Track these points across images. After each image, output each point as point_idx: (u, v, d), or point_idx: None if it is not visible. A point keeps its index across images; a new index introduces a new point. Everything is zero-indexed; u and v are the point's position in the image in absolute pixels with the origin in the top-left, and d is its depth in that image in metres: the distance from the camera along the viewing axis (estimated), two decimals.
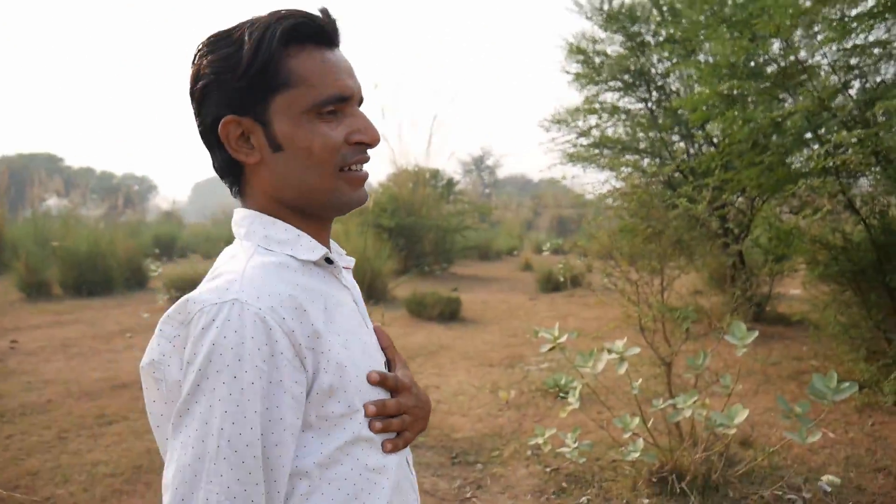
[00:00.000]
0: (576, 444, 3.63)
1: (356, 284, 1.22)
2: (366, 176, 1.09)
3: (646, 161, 9.14)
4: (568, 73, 9.00)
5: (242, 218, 1.09)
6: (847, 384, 3.25)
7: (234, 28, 1.02)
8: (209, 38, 1.03)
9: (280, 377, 0.90)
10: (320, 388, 0.96)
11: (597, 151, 9.10)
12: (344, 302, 1.09)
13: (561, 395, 5.55)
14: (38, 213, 15.73)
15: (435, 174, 17.33)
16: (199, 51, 1.04)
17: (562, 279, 13.16)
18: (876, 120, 4.87)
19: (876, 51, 5.47)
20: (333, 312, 1.03)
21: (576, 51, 8.74)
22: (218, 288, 0.94)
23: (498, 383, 6.20)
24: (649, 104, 8.96)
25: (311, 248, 1.06)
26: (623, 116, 9.06)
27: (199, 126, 1.06)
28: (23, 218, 16.99)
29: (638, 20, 8.55)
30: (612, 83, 8.87)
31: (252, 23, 1.01)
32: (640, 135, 9.08)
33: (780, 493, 3.67)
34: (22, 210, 20.24)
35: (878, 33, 5.37)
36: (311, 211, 1.08)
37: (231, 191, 1.12)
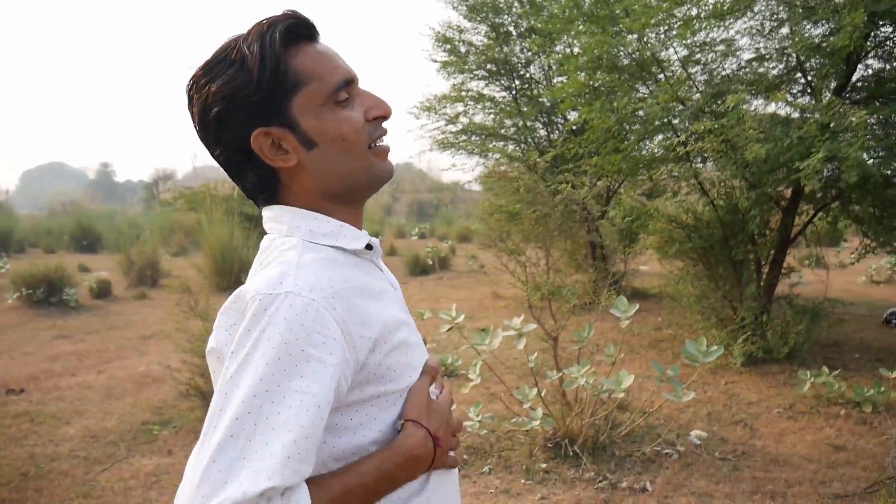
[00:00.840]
0: (479, 418, 3.87)
1: (388, 270, 1.25)
2: (388, 148, 1.13)
3: (511, 146, 9.55)
4: (436, 61, 9.23)
5: (281, 214, 1.10)
6: (714, 348, 3.69)
7: (223, 51, 1.04)
8: (202, 69, 1.04)
9: (333, 361, 0.93)
10: (377, 370, 1.02)
11: (465, 138, 9.41)
12: (386, 288, 1.13)
13: (451, 374, 5.80)
14: None
15: None
16: (196, 84, 1.04)
17: (430, 262, 13.49)
18: (722, 111, 5.44)
19: (720, 48, 6.07)
20: (381, 298, 1.08)
21: (443, 39, 8.97)
22: (272, 279, 0.96)
23: None
24: (513, 92, 9.37)
25: (355, 237, 1.10)
26: (489, 104, 9.41)
27: (220, 154, 1.07)
28: None
29: (501, 11, 8.90)
30: (477, 72, 9.19)
31: (243, 38, 1.03)
32: (507, 122, 9.48)
33: (659, 448, 4.10)
34: None
35: (721, 33, 5.97)
36: (353, 195, 1.11)
37: (259, 204, 1.13)
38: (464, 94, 9.15)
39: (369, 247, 1.12)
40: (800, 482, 3.70)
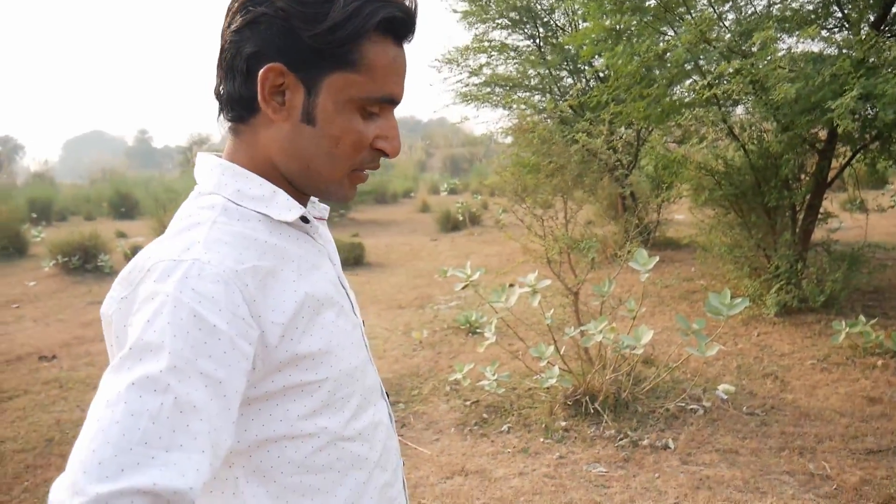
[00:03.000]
0: (494, 377, 3.79)
1: (331, 238, 1.16)
2: (366, 177, 1.02)
3: (537, 97, 9.30)
4: (456, 11, 8.97)
5: (211, 168, 0.98)
6: (739, 300, 3.53)
7: None
8: None
9: (243, 343, 0.83)
10: (288, 356, 0.90)
11: (489, 90, 9.19)
12: (319, 264, 1.02)
13: (474, 331, 5.73)
14: None
15: None
16: None
17: (461, 218, 13.38)
18: (752, 50, 5.16)
19: None
20: (308, 276, 0.97)
21: None
22: (176, 246, 0.85)
23: (410, 324, 6.32)
24: (537, 41, 9.08)
25: (287, 207, 0.97)
26: (512, 54, 9.15)
27: (228, 43, 0.93)
28: None
29: None
30: (500, 21, 8.92)
31: None
32: (531, 72, 9.22)
33: (683, 404, 3.98)
34: None
35: None
36: (300, 188, 1.00)
37: (221, 121, 1.00)
38: (486, 44, 8.90)
39: (305, 220, 1.00)
40: (830, 437, 3.55)
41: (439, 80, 9.32)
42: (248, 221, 0.94)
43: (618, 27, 5.70)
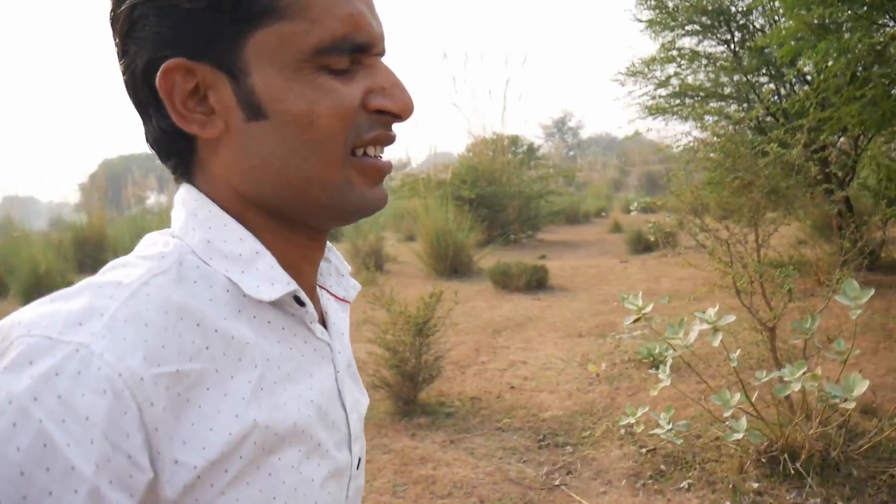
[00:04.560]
0: (670, 426, 3.31)
1: (346, 328, 0.82)
2: (387, 167, 0.70)
3: (732, 107, 8.53)
4: (640, 20, 8.45)
5: (184, 202, 0.70)
6: None
7: None
8: None
9: (106, 499, 0.51)
10: None
11: (678, 101, 8.55)
12: (305, 372, 0.70)
13: (658, 365, 5.21)
14: (138, 210, 16.38)
15: (514, 140, 16.98)
16: None
17: (652, 239, 12.64)
18: None
19: None
20: (274, 392, 0.65)
21: None
22: (66, 315, 0.55)
23: (588, 355, 5.90)
24: (732, 45, 8.33)
25: (269, 279, 0.66)
26: (704, 62, 8.46)
27: (124, 73, 0.67)
28: (126, 216, 17.67)
29: None
30: (689, 27, 8.28)
31: None
32: (724, 79, 8.46)
33: None
34: (125, 209, 21.16)
35: None
36: (296, 216, 0.69)
37: (174, 174, 0.73)
38: (674, 53, 8.29)
39: (300, 302, 0.69)
40: None
41: (623, 93, 8.85)
42: (208, 289, 0.64)
43: (822, 21, 4.97)
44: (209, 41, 0.63)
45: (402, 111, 0.67)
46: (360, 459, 0.79)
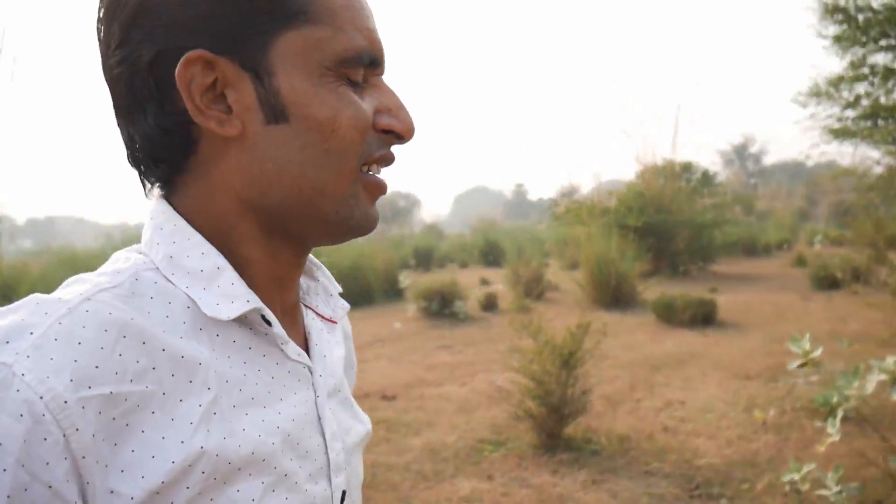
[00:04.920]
0: (838, 487, 2.93)
1: (338, 351, 0.80)
2: (385, 188, 0.68)
3: None
4: (824, 36, 7.79)
5: (153, 215, 0.67)
6: None
7: None
8: None
9: None
10: None
11: (869, 124, 7.78)
12: (273, 395, 0.65)
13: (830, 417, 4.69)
14: None
15: (687, 167, 16.28)
16: None
17: (839, 275, 11.54)
18: None
19: None
20: (229, 418, 0.60)
21: (832, 9, 7.52)
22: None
23: (755, 399, 5.44)
24: None
25: (228, 296, 0.62)
26: None
27: (117, 66, 0.62)
28: None
29: None
30: (882, 42, 7.51)
31: None
32: None
33: None
34: None
35: None
36: (293, 228, 0.66)
37: (146, 187, 0.68)
38: (865, 70, 7.56)
39: (267, 321, 0.65)
40: None
41: (805, 116, 8.15)
42: (165, 306, 0.60)
43: None
44: (236, 36, 0.60)
45: (406, 133, 0.67)
46: (343, 493, 0.72)
